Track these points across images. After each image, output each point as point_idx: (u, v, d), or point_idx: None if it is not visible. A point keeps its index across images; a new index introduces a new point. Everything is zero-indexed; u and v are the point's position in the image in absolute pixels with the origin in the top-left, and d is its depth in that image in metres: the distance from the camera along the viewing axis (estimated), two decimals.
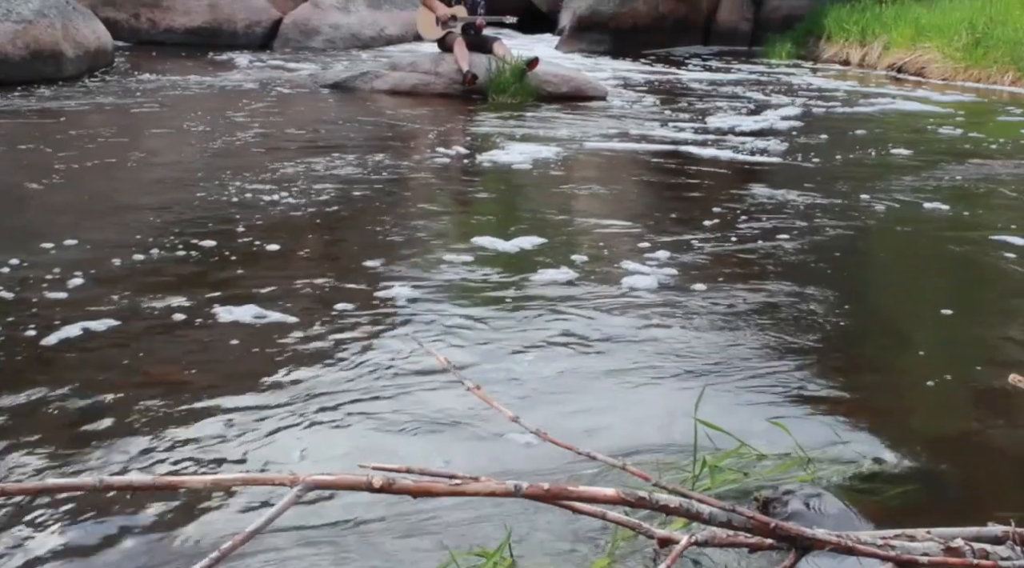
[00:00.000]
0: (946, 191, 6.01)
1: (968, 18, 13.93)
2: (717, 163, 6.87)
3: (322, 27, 15.45)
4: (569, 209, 5.33)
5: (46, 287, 3.57)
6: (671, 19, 18.21)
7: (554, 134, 7.76)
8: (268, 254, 4.15)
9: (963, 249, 4.63)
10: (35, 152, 6.23)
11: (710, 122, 8.81)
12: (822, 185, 6.08)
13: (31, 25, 9.56)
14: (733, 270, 4.15)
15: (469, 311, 3.51)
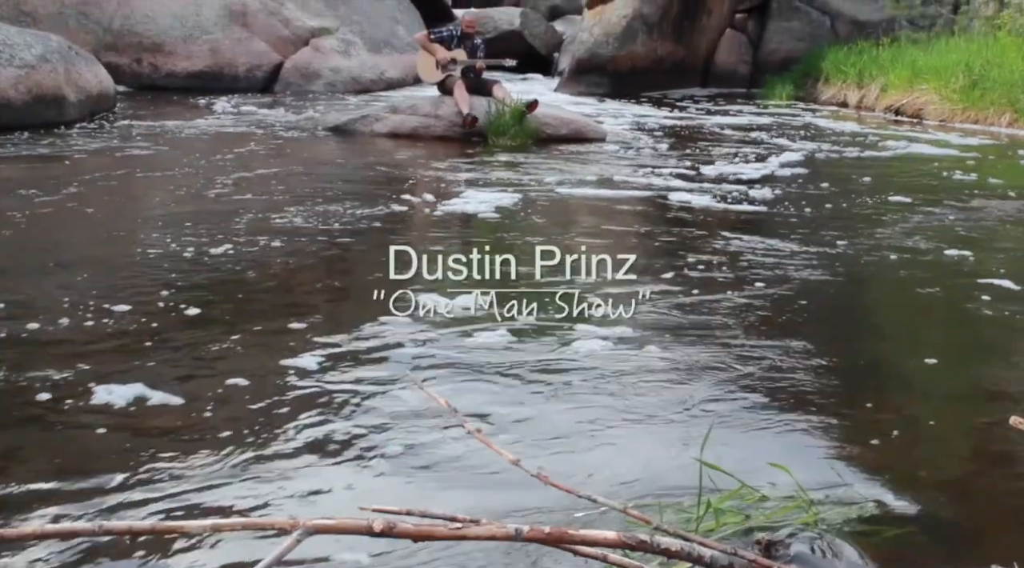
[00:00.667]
0: (941, 236, 5.99)
1: (964, 60, 14.02)
2: (695, 211, 6.67)
3: (323, 71, 15.56)
4: (524, 263, 4.94)
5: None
6: (669, 61, 18.33)
7: (539, 179, 7.62)
8: (182, 320, 3.83)
9: (954, 294, 4.61)
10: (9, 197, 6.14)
11: (705, 168, 8.60)
12: (810, 234, 5.89)
13: (34, 70, 9.62)
14: (694, 322, 4.03)
15: (378, 388, 3.19)
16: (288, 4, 15.85)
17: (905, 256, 5.34)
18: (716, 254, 5.29)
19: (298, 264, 4.90)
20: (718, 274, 4.85)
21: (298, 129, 10.46)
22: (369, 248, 5.26)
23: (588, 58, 17.61)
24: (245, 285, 4.44)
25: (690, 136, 11.29)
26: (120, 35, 14.45)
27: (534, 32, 21.46)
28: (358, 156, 8.96)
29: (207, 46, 14.87)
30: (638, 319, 3.99)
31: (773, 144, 10.57)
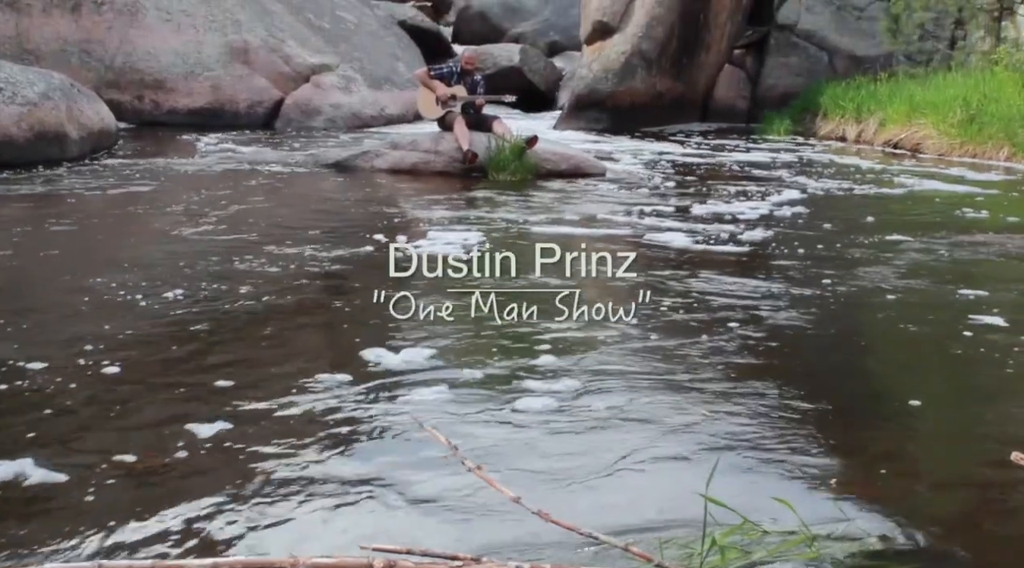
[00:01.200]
0: (935, 274, 5.97)
1: (962, 95, 14.09)
2: (671, 251, 6.40)
3: (323, 107, 15.63)
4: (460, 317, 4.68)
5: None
6: (668, 97, 18.41)
7: (521, 217, 7.53)
8: (98, 379, 3.55)
9: (944, 332, 4.58)
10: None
11: (697, 206, 8.43)
12: (795, 275, 5.69)
13: (36, 107, 9.66)
14: (657, 368, 3.89)
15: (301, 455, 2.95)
16: (289, 41, 15.95)
17: (892, 295, 5.28)
18: (682, 296, 5.10)
19: (248, 314, 4.59)
20: (682, 317, 4.70)
21: (299, 165, 10.48)
22: (326, 297, 5.03)
23: (587, 94, 17.68)
24: (181, 338, 4.15)
25: (688, 172, 11.31)
26: (122, 72, 14.53)
27: (533, 68, 21.56)
28: (350, 193, 8.94)
29: (208, 83, 14.95)
30: (592, 367, 3.84)
31: (771, 180, 10.57)
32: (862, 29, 19.62)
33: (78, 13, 14.42)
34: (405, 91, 16.82)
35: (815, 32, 19.71)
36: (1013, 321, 4.64)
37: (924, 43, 17.92)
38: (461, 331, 4.32)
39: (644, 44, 17.51)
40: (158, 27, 14.87)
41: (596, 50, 17.76)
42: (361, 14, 19.80)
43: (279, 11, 16.66)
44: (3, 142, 9.33)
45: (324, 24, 17.70)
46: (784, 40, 19.88)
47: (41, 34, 14.26)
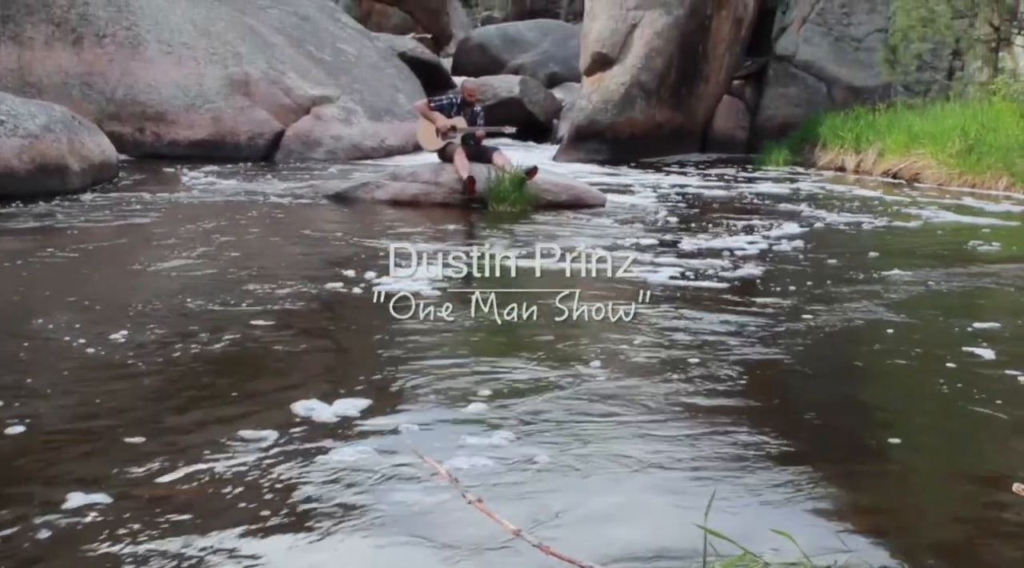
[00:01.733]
0: (934, 306, 5.98)
1: (960, 125, 14.14)
2: (645, 287, 6.16)
3: (324, 139, 15.67)
4: (427, 352, 4.55)
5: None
6: (668, 128, 18.47)
7: (502, 252, 7.26)
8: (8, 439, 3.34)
9: (932, 366, 4.55)
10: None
11: (690, 238, 8.27)
12: (775, 311, 5.53)
13: (37, 140, 9.70)
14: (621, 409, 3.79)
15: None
16: (290, 73, 16.02)
17: (888, 330, 5.27)
18: (644, 334, 4.94)
19: (184, 357, 4.34)
20: (643, 357, 4.53)
21: (299, 197, 10.50)
22: (270, 342, 4.68)
23: (587, 125, 17.74)
24: (112, 378, 3.99)
25: (687, 202, 11.31)
26: (123, 104, 14.59)
27: (533, 99, 21.65)
28: (345, 226, 8.88)
29: (209, 115, 15.00)
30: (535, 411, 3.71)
31: (770, 212, 10.57)
32: (860, 60, 19.71)
33: (80, 46, 14.49)
34: (405, 122, 16.87)
35: (813, 63, 19.80)
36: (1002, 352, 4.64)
37: (922, 74, 18.00)
38: (407, 377, 4.10)
39: (643, 75, 17.58)
40: (159, 60, 14.94)
41: (595, 81, 17.84)
42: (362, 46, 19.89)
43: (280, 43, 16.74)
44: (4, 174, 9.35)
45: (325, 56, 17.78)
46: (783, 71, 19.97)
47: (43, 67, 14.33)
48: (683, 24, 17.92)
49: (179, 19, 15.48)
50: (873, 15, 20.20)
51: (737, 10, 19.53)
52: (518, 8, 39.77)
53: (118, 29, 14.77)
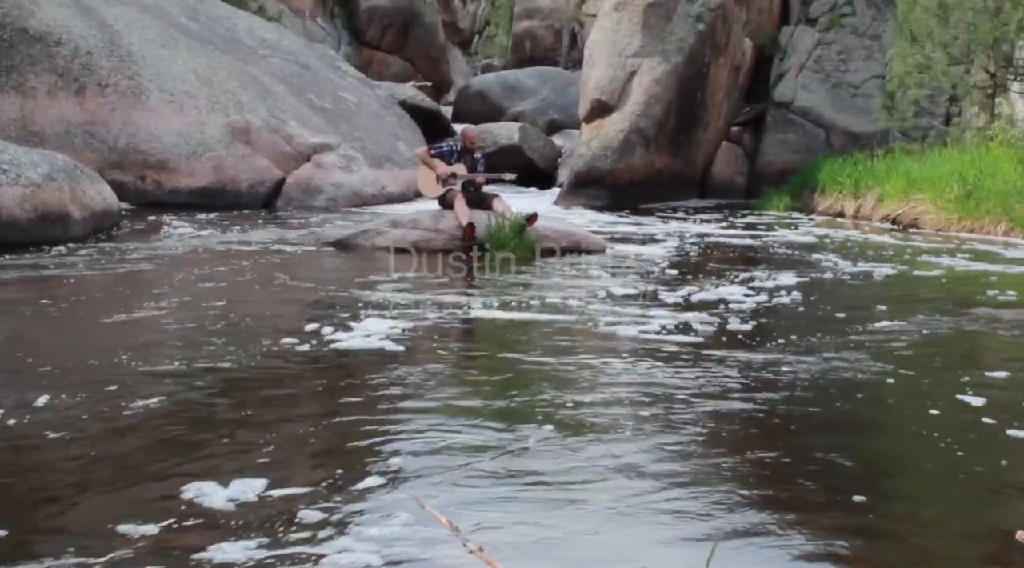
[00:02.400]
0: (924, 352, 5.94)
1: (958, 171, 14.21)
2: (615, 341, 5.87)
3: (324, 186, 15.74)
4: (364, 421, 4.17)
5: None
6: (667, 174, 18.57)
7: (476, 301, 7.16)
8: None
9: (933, 408, 4.55)
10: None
11: (681, 289, 7.84)
12: (749, 369, 5.16)
13: (40, 189, 9.74)
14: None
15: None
16: (291, 121, 16.12)
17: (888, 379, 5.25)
18: (607, 390, 4.71)
19: (108, 426, 4.04)
20: (596, 416, 4.31)
21: (299, 244, 10.52)
22: (205, 405, 4.42)
23: (587, 171, 17.83)
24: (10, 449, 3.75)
25: (686, 249, 11.24)
26: (125, 153, 14.66)
27: (533, 146, 21.76)
28: (336, 274, 8.80)
29: (210, 163, 15.07)
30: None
31: (769, 259, 10.54)
32: (858, 106, 19.85)
33: (83, 95, 14.60)
34: (406, 169, 16.96)
35: (811, 109, 19.94)
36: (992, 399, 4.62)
37: (919, 119, 18.10)
38: (329, 454, 3.80)
39: (642, 122, 17.70)
40: (161, 108, 15.04)
41: (595, 128, 17.95)
42: (362, 94, 20.04)
43: (281, 92, 16.86)
44: (6, 223, 9.38)
45: (325, 104, 17.90)
46: (781, 117, 20.11)
47: (46, 116, 14.42)
48: (681, 71, 18.06)
49: (181, 68, 15.60)
50: (870, 62, 20.37)
51: (735, 57, 19.70)
52: (517, 56, 40.12)
53: (121, 79, 14.88)
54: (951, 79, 16.99)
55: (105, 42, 15.03)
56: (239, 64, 16.87)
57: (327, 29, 30.19)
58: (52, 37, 14.55)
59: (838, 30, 20.94)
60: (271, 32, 20.19)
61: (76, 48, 14.68)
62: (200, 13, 18.59)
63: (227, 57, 16.82)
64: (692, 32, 18.24)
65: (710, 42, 18.62)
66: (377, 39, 31.55)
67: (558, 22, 39.81)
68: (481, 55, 50.59)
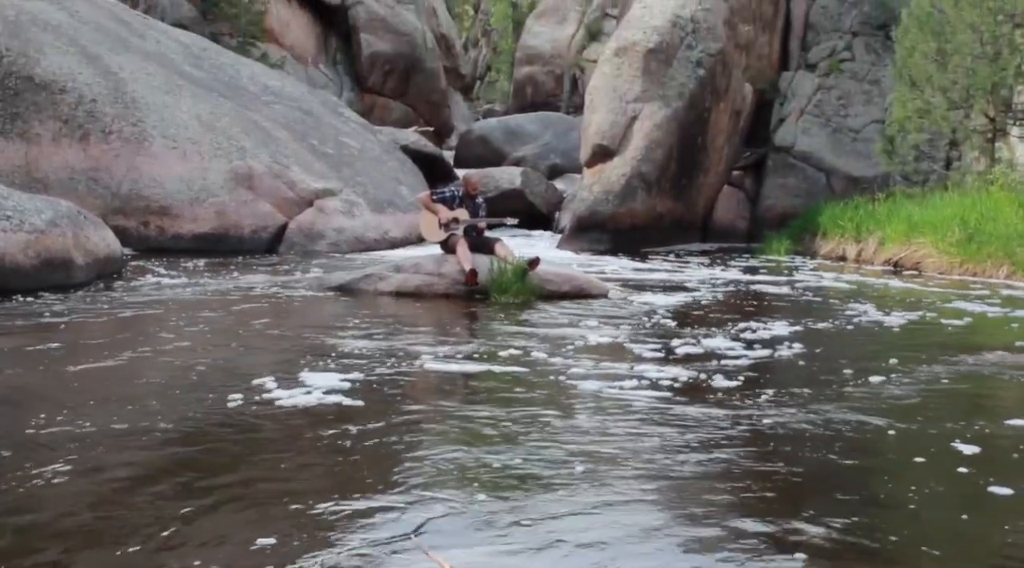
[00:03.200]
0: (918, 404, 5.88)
1: (959, 215, 14.25)
2: (576, 397, 5.49)
3: (327, 231, 15.77)
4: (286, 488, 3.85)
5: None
6: (669, 218, 18.62)
7: (443, 351, 6.81)
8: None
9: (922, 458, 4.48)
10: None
11: (680, 342, 7.34)
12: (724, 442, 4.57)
13: (43, 235, 9.76)
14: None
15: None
16: (293, 167, 16.18)
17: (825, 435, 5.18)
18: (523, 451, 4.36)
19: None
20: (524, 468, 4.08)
21: (301, 289, 10.51)
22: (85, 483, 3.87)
23: (589, 215, 17.87)
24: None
25: (687, 294, 11.11)
26: (128, 199, 14.71)
27: (535, 191, 21.85)
28: (329, 319, 8.58)
29: (213, 209, 15.11)
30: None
31: (770, 305, 10.39)
32: (858, 150, 19.96)
33: (86, 142, 14.68)
34: (408, 214, 17.00)
35: (812, 153, 20.05)
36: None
37: (920, 164, 18.20)
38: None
39: (644, 166, 17.77)
40: (164, 154, 15.12)
41: (596, 172, 18.02)
42: (364, 140, 20.14)
43: (284, 138, 16.95)
44: (10, 269, 9.39)
45: (328, 150, 17.99)
46: (782, 161, 20.22)
47: (50, 163, 14.49)
48: (682, 116, 18.16)
49: (184, 115, 15.69)
50: (869, 106, 20.51)
51: (735, 102, 19.83)
52: (519, 101, 40.37)
53: (124, 125, 14.96)
54: (951, 124, 17.10)
55: (110, 89, 15.13)
56: (242, 110, 16.97)
57: (329, 75, 30.42)
58: (57, 85, 14.66)
59: (838, 75, 21.11)
60: (274, 78, 20.34)
61: (81, 95, 14.78)
62: (204, 60, 18.73)
63: (230, 103, 16.93)
64: (692, 77, 18.36)
65: (710, 87, 18.74)
66: (379, 85, 31.79)
67: (559, 68, 40.10)
68: (483, 100, 50.94)
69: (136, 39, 17.16)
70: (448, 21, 43.34)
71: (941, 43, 17.10)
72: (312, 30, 30.90)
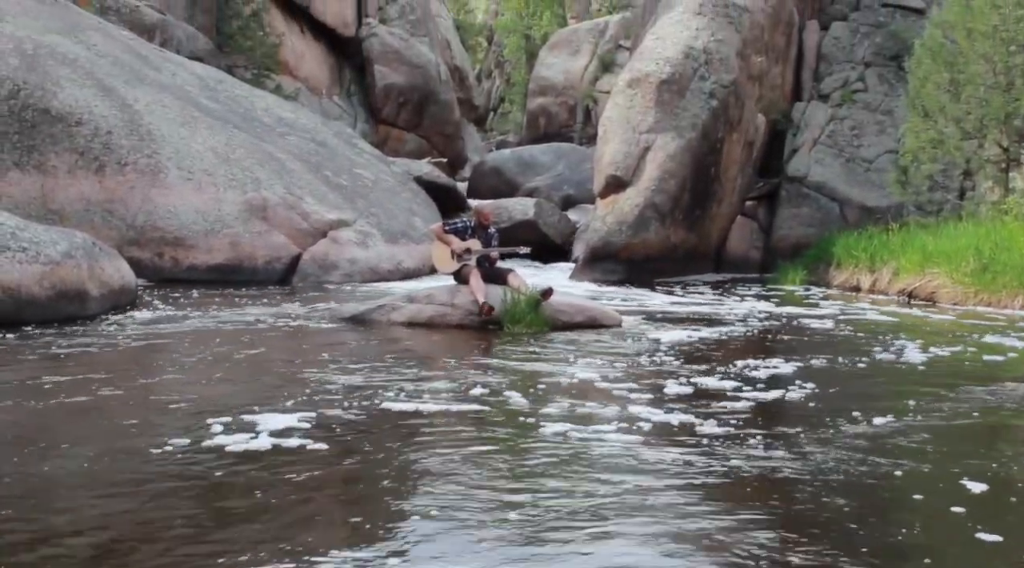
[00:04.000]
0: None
1: (974, 244, 14.20)
2: (544, 442, 5.14)
3: (340, 262, 15.80)
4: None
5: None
6: (682, 249, 18.60)
7: (416, 388, 6.59)
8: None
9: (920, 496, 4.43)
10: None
11: (670, 384, 6.85)
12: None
13: (58, 266, 9.80)
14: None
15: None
16: (307, 198, 16.24)
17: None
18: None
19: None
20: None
21: (314, 320, 10.51)
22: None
23: (602, 246, 17.87)
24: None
25: (697, 328, 10.93)
26: (143, 230, 14.78)
27: (548, 221, 21.87)
28: (317, 352, 8.34)
29: (227, 240, 15.16)
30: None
31: (782, 341, 9.95)
32: (871, 180, 19.95)
33: (102, 174, 14.76)
34: (421, 245, 17.03)
35: (825, 183, 20.04)
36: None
37: (933, 194, 18.18)
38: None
39: (657, 197, 17.78)
40: (179, 186, 15.19)
41: (610, 203, 18.04)
42: (378, 171, 20.23)
43: (298, 169, 17.03)
44: (25, 300, 9.43)
45: (342, 181, 18.06)
46: (795, 191, 20.21)
47: (66, 195, 14.58)
48: (695, 147, 18.19)
49: (199, 146, 15.79)
50: (883, 137, 20.51)
51: (748, 133, 19.86)
52: (532, 132, 40.53)
53: (140, 157, 15.06)
54: (964, 154, 17.09)
55: (125, 121, 15.24)
56: (256, 142, 17.06)
57: (343, 107, 30.62)
58: (73, 117, 14.77)
59: (850, 105, 21.14)
60: (288, 110, 20.46)
61: (97, 127, 14.88)
62: (219, 92, 18.87)
63: (245, 135, 17.03)
64: (705, 108, 18.40)
65: (723, 118, 18.78)
66: (393, 116, 31.97)
67: (572, 99, 40.27)
68: (496, 131, 51.16)
69: (152, 72, 17.30)
70: (461, 53, 43.63)
71: (954, 73, 17.12)
72: (326, 62, 31.14)
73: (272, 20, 27.37)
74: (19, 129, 14.50)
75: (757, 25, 20.11)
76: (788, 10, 21.46)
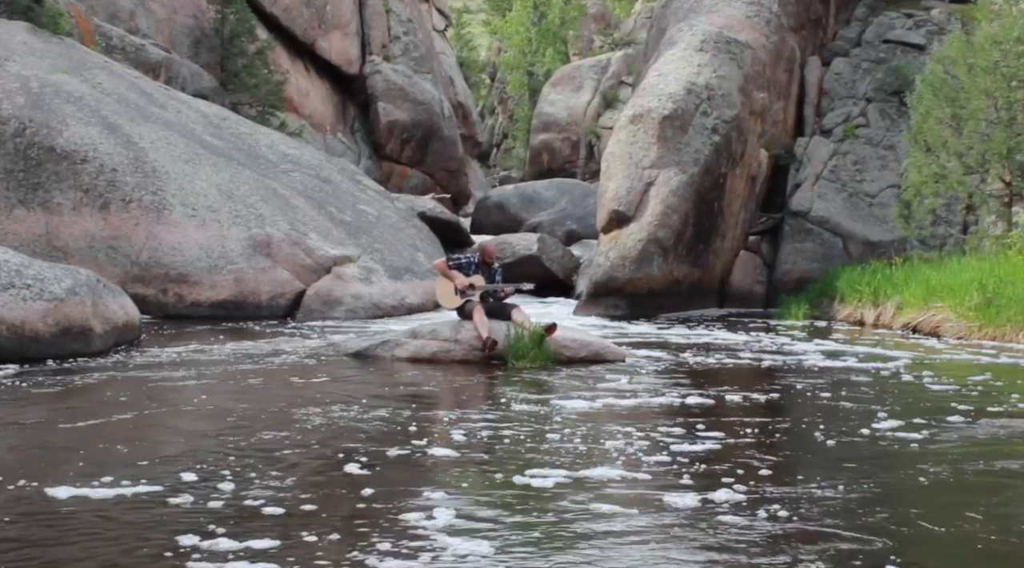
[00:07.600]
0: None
1: (977, 279, 14.18)
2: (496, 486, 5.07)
3: (344, 298, 15.80)
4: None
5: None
6: (686, 283, 18.60)
7: (426, 428, 6.53)
8: None
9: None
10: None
11: (674, 433, 6.49)
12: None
13: (62, 303, 9.81)
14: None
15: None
16: (311, 234, 16.29)
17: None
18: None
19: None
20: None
21: (318, 356, 10.51)
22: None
23: (605, 281, 17.86)
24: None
25: (698, 366, 10.84)
26: (147, 267, 14.82)
27: (551, 257, 21.89)
28: (332, 391, 8.27)
29: (231, 276, 15.19)
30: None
31: (784, 381, 9.59)
32: (875, 215, 19.97)
33: (107, 211, 14.83)
34: (425, 280, 17.05)
35: (828, 218, 20.05)
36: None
37: (937, 228, 18.19)
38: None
39: (660, 232, 17.79)
40: (184, 223, 15.24)
41: (613, 238, 18.05)
42: (382, 207, 20.29)
43: (302, 205, 17.08)
44: (29, 338, 9.46)
45: (346, 217, 18.11)
46: (798, 226, 20.21)
47: (71, 232, 14.64)
48: (698, 182, 18.23)
49: (204, 183, 15.85)
50: (885, 171, 20.55)
51: (751, 168, 19.91)
52: (535, 168, 40.69)
53: (144, 194, 15.12)
54: (967, 188, 17.12)
55: (130, 159, 15.32)
56: (261, 178, 17.13)
57: (347, 143, 30.75)
58: (79, 155, 14.85)
59: (853, 140, 21.19)
60: (292, 147, 20.55)
61: (101, 165, 14.96)
62: (223, 130, 18.97)
63: (249, 172, 17.10)
64: (708, 144, 18.46)
65: (726, 153, 18.83)
66: (397, 153, 32.10)
67: (575, 135, 40.47)
68: (499, 167, 51.30)
69: (157, 109, 17.41)
70: (465, 90, 43.87)
71: (956, 109, 17.18)
72: (331, 99, 31.30)
73: (277, 58, 27.54)
74: (24, 167, 14.58)
75: (759, 61, 20.21)
76: (790, 46, 21.56)
